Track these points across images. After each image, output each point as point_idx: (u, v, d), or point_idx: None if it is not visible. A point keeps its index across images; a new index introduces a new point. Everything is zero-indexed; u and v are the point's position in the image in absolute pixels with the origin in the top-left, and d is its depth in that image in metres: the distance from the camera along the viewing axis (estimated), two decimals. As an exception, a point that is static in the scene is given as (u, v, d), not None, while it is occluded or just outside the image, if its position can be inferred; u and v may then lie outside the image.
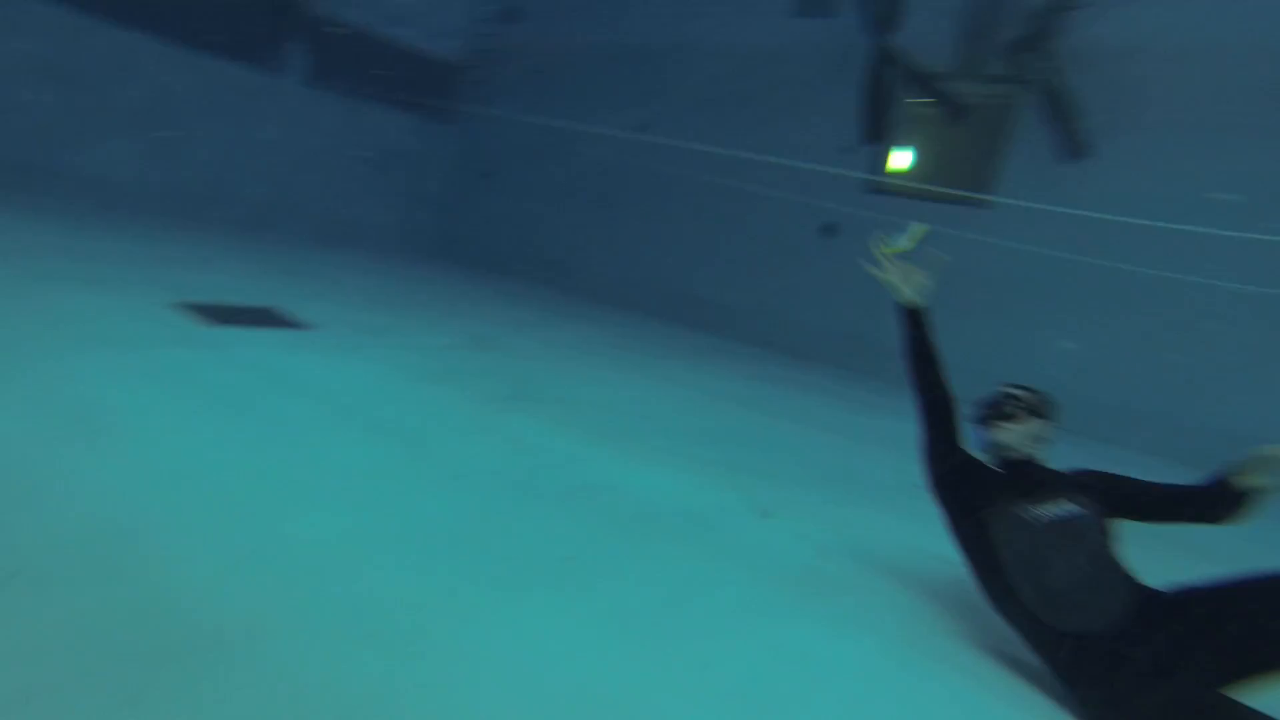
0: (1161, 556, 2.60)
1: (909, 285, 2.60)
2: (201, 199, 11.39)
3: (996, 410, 2.55)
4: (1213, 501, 2.27)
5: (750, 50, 10.57)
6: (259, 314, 5.81)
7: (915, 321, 2.60)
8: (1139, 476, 2.46)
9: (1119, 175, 7.77)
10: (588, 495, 3.33)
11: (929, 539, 3.19)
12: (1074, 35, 7.99)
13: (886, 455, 5.16)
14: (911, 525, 3.59)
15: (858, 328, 9.33)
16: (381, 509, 2.78)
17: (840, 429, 5.96)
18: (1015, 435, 2.50)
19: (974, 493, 2.45)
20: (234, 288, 6.65)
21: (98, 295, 5.19)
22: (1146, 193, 7.46)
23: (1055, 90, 7.92)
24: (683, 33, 11.29)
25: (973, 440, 2.60)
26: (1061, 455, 2.68)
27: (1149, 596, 2.13)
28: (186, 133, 11.06)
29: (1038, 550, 2.21)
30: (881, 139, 9.26)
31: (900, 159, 10.02)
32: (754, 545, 3.10)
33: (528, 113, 12.64)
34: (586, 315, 9.84)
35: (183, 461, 2.85)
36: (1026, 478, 2.43)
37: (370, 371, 4.80)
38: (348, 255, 11.23)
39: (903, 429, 3.92)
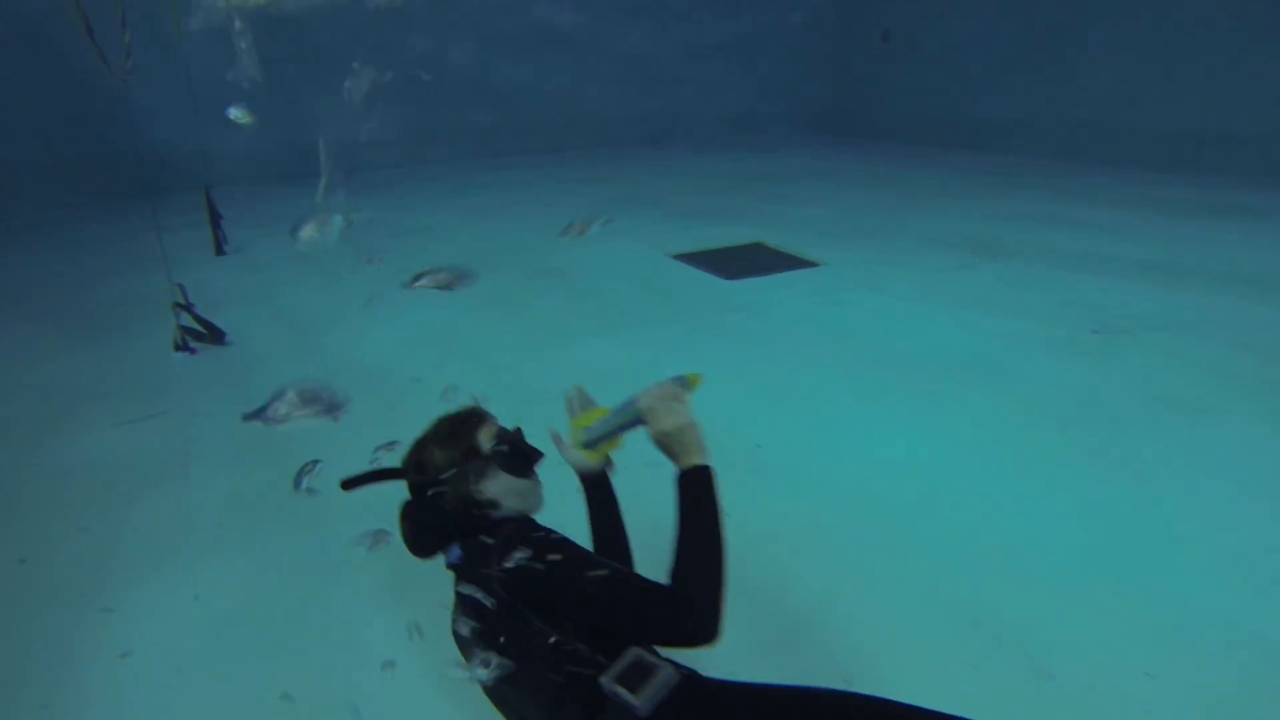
0: None
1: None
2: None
3: None
4: None
5: None
6: (757, 253, 5.65)
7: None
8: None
9: None
10: None
11: None
12: None
13: None
14: None
15: None
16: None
17: None
18: None
19: None
20: (693, 220, 6.63)
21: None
22: None
23: None
24: None
25: None
26: None
27: None
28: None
29: None
30: None
31: None
32: None
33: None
34: (1053, 186, 8.14)
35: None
36: None
37: (920, 309, 4.28)
38: (752, 150, 10.90)
39: None
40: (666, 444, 1.25)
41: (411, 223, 7.11)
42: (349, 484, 1.38)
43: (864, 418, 3.12)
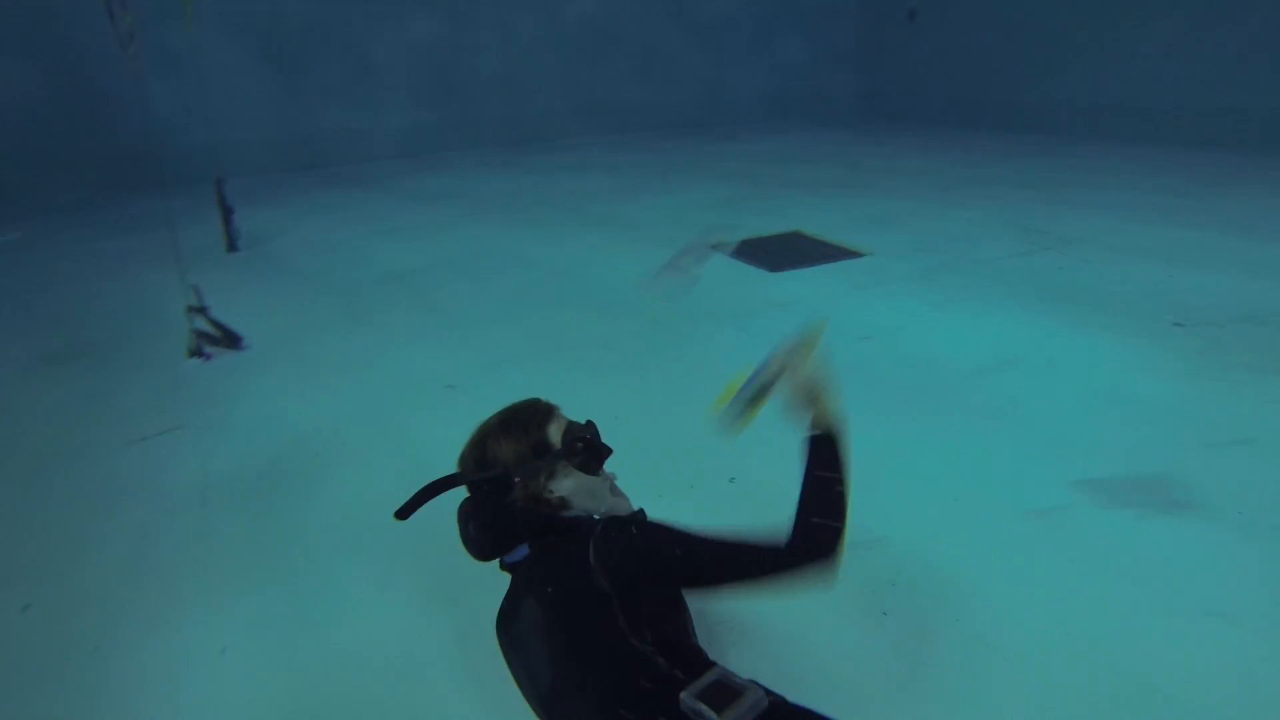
0: None
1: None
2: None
3: None
4: None
5: None
6: (796, 243, 5.33)
7: None
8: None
9: None
10: None
11: None
12: None
13: None
14: None
15: None
16: None
17: None
18: None
19: None
20: (726, 207, 6.32)
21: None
22: None
23: None
24: None
25: None
26: None
27: None
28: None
29: None
30: None
31: None
32: None
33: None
34: (1090, 167, 7.77)
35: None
36: None
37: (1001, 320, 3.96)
38: (770, 136, 10.52)
39: None
40: (804, 395, 1.25)
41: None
42: (405, 510, 1.28)
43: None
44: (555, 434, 1.29)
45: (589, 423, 1.36)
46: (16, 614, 2.04)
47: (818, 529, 1.11)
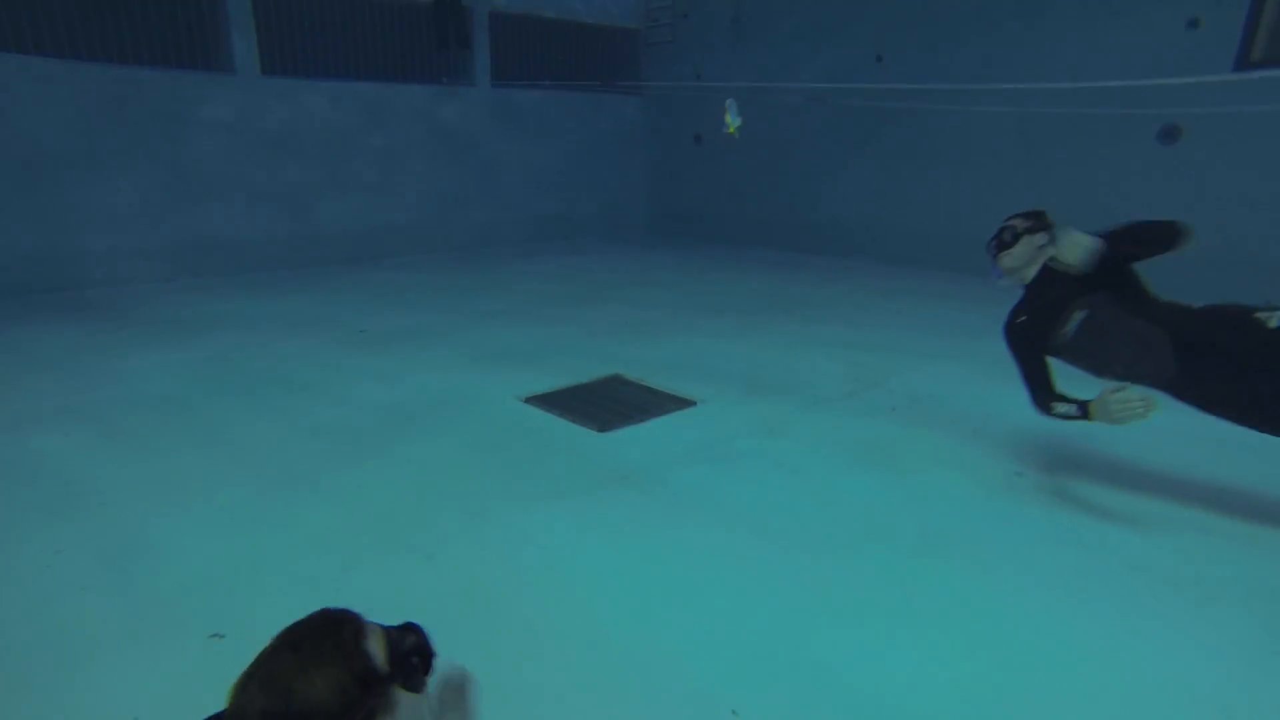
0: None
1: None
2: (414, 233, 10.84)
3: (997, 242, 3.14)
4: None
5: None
6: (618, 389, 4.83)
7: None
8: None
9: None
10: None
11: None
12: None
13: None
14: None
15: (1249, 248, 7.23)
16: None
17: None
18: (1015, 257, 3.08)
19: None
20: (544, 355, 5.76)
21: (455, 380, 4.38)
22: None
23: None
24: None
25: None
26: None
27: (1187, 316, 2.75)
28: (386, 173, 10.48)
29: (1085, 357, 2.88)
30: None
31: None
32: None
33: (730, 67, 11.23)
34: (923, 289, 8.32)
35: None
36: (1045, 301, 2.96)
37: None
38: (579, 259, 10.26)
39: None
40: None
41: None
42: None
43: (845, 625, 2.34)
44: (377, 649, 0.96)
45: (411, 625, 1.06)
46: None
47: None
